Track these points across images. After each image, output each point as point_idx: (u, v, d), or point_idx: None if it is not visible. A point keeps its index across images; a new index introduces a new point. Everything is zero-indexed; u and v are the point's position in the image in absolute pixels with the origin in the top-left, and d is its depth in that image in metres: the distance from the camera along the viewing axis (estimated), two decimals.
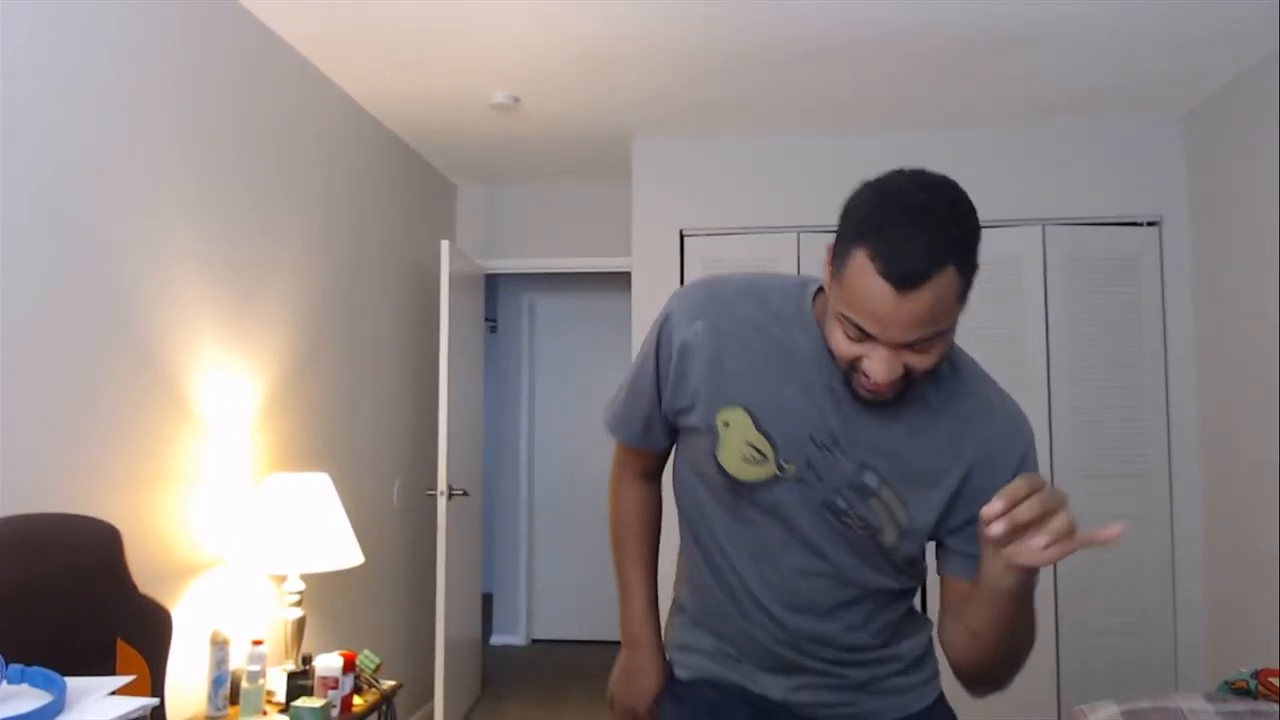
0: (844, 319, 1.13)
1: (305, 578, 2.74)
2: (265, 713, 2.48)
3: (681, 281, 4.12)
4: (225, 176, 2.70)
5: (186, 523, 2.49)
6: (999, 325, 3.89)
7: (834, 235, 1.17)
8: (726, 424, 1.28)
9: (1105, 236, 3.91)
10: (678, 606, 1.51)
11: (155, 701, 1.39)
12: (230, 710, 2.45)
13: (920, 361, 1.12)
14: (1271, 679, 2.69)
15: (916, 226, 1.05)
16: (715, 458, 1.30)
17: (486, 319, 5.39)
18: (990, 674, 1.29)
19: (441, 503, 3.99)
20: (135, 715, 1.29)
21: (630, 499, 1.52)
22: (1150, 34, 3.04)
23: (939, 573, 1.32)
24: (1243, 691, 2.72)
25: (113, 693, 1.34)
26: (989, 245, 4.31)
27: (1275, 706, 2.57)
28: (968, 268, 1.08)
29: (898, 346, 1.10)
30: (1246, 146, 3.34)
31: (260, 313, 2.90)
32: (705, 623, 1.43)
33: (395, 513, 3.99)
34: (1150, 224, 3.89)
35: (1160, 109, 3.78)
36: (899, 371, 1.12)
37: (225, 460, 2.68)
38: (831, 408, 1.24)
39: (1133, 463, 3.81)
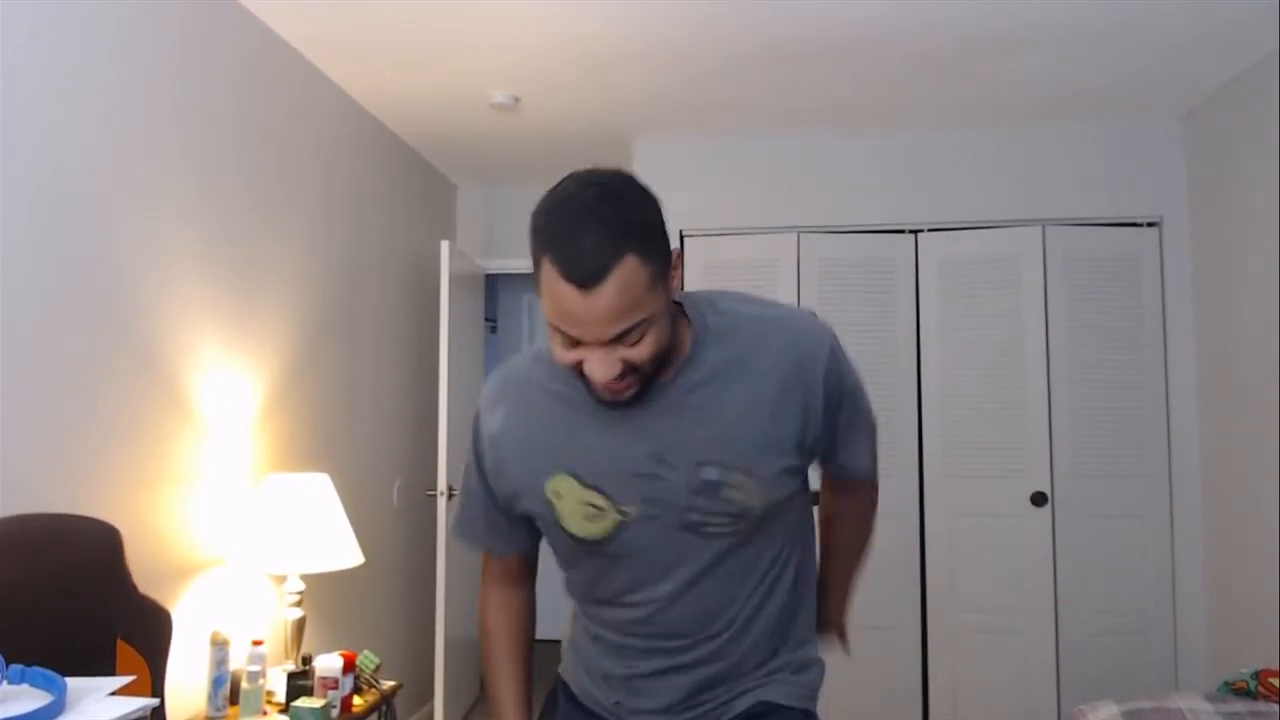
0: (554, 329, 1.14)
1: (305, 578, 2.74)
2: (265, 713, 2.48)
3: (681, 283, 4.11)
4: (225, 176, 2.70)
5: (186, 523, 2.49)
6: (999, 325, 3.89)
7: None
8: (557, 493, 1.28)
9: (1105, 236, 3.91)
10: (570, 643, 1.50)
11: (155, 702, 1.39)
12: (230, 710, 2.45)
13: (636, 354, 1.13)
14: (1271, 679, 2.69)
15: (585, 225, 1.07)
16: (563, 528, 1.30)
17: (486, 319, 5.38)
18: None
19: (441, 503, 3.99)
20: (135, 715, 1.29)
21: (492, 605, 1.47)
22: (1150, 34, 3.04)
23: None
24: (1243, 692, 2.72)
25: (113, 693, 1.34)
26: (989, 245, 4.29)
27: (1275, 706, 2.57)
28: (651, 252, 1.09)
29: (607, 343, 1.11)
30: (1246, 146, 3.34)
31: (260, 313, 2.89)
32: (593, 664, 1.43)
33: (395, 513, 3.99)
34: (1150, 224, 3.89)
35: (1160, 109, 3.78)
36: (617, 368, 1.13)
37: (225, 460, 2.68)
38: (637, 434, 1.24)
39: (1133, 463, 3.81)
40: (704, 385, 1.24)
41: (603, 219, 1.08)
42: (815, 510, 1.49)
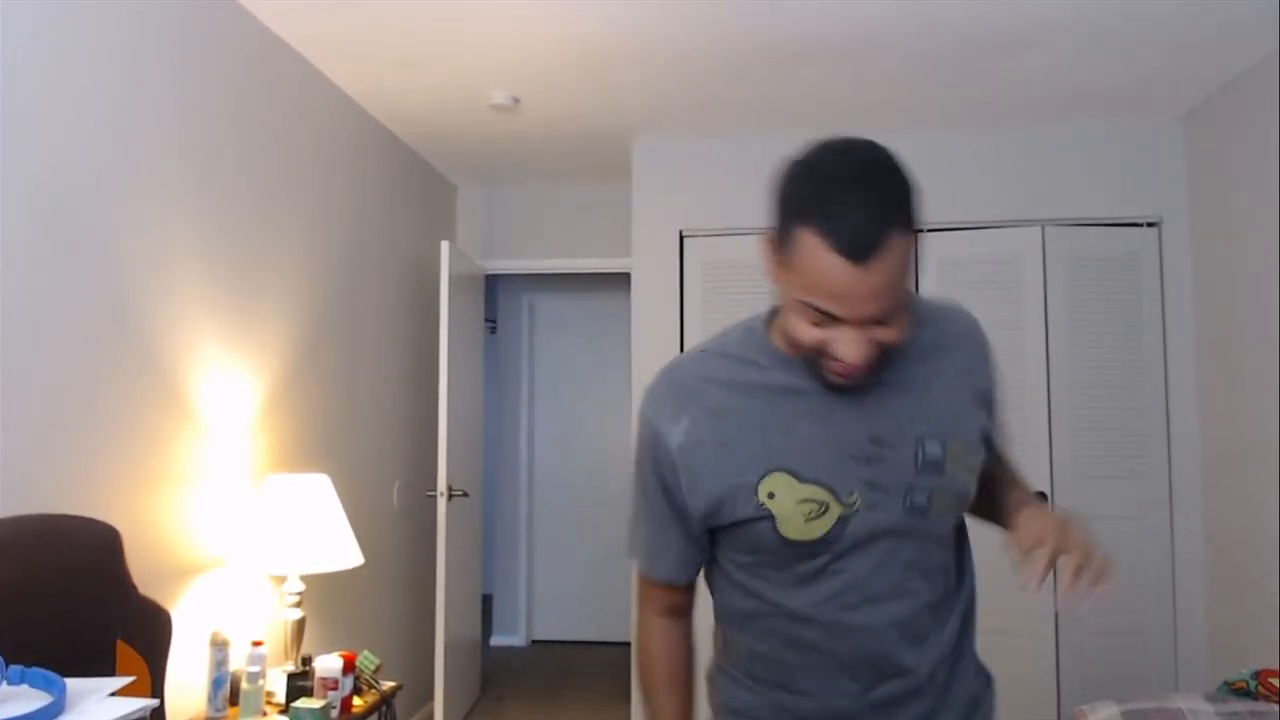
0: (804, 306, 1.07)
1: (305, 578, 2.73)
2: (265, 713, 2.48)
3: (681, 282, 4.12)
4: (225, 176, 2.70)
5: (186, 523, 2.49)
6: (999, 325, 3.88)
7: (772, 223, 1.13)
8: (771, 495, 1.17)
9: (1105, 237, 3.91)
10: (722, 675, 1.35)
11: (155, 702, 1.39)
12: (230, 711, 2.45)
13: (888, 334, 1.09)
14: (1271, 679, 2.69)
15: (858, 195, 1.02)
16: (781, 536, 1.17)
17: (486, 319, 5.38)
18: None
19: (441, 504, 3.99)
20: (135, 716, 1.29)
21: (659, 646, 1.33)
22: (1150, 34, 3.04)
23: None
24: (1243, 692, 2.72)
25: (113, 693, 1.34)
26: (989, 245, 4.28)
27: (1275, 707, 2.57)
28: (911, 229, 1.06)
29: (864, 323, 1.06)
30: (1246, 146, 3.34)
31: (260, 313, 2.89)
32: (770, 690, 1.28)
33: (395, 513, 3.99)
34: (1150, 224, 3.89)
35: (1160, 109, 3.78)
36: (871, 349, 1.08)
37: (225, 460, 2.68)
38: (853, 418, 1.17)
39: (1133, 463, 3.81)
40: (915, 363, 1.21)
41: (874, 190, 1.03)
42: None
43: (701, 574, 1.34)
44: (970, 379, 1.26)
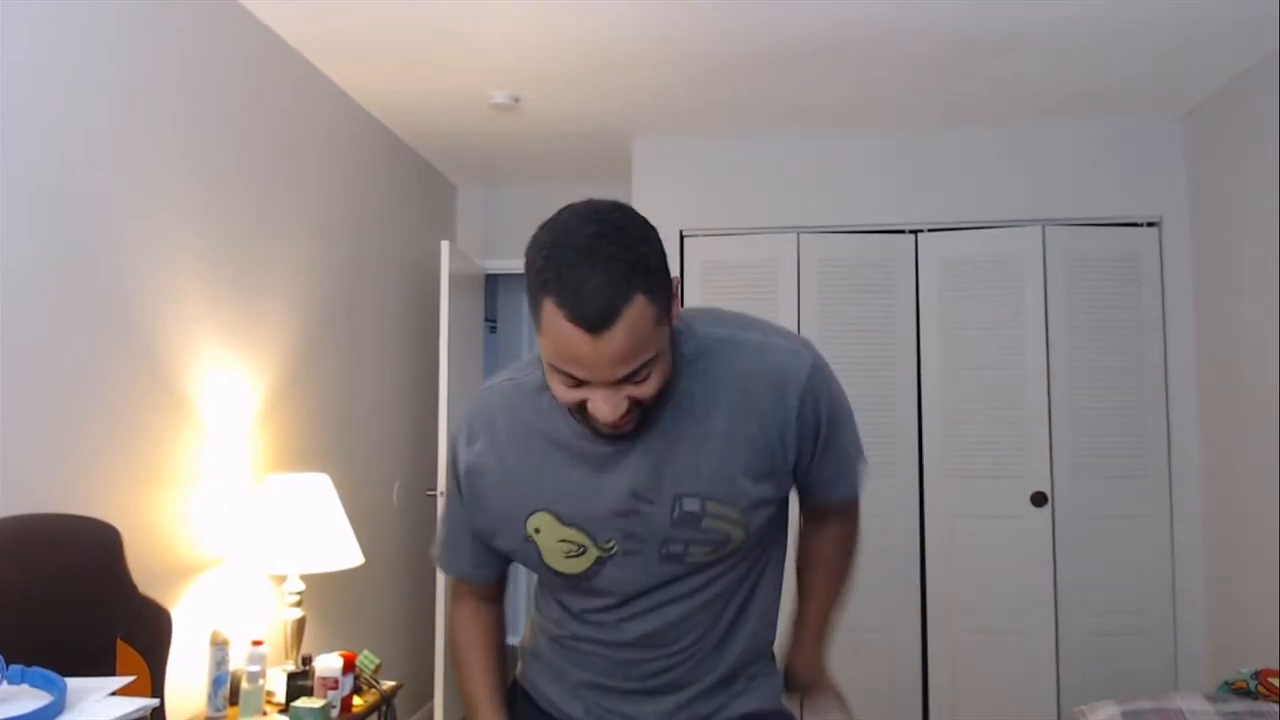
0: (554, 369, 1.10)
1: (305, 578, 2.73)
2: (265, 713, 2.48)
3: (682, 283, 4.11)
4: (225, 176, 2.70)
5: (186, 523, 2.49)
6: (999, 325, 3.89)
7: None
8: (537, 530, 1.26)
9: (1105, 236, 3.91)
10: (530, 653, 1.46)
11: (155, 702, 1.39)
12: (230, 710, 2.45)
13: (641, 391, 1.11)
14: (1271, 679, 2.69)
15: (590, 264, 1.02)
16: (545, 564, 1.29)
17: (486, 319, 5.38)
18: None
19: (441, 503, 3.98)
20: (135, 715, 1.29)
21: (462, 615, 1.44)
22: (1150, 34, 3.04)
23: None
24: (1243, 691, 2.72)
25: (113, 693, 1.34)
26: (989, 245, 4.29)
27: (1275, 706, 2.57)
28: (657, 289, 1.06)
29: (615, 384, 1.08)
30: (1246, 146, 3.34)
31: (260, 313, 2.89)
32: (565, 669, 1.39)
33: (395, 513, 3.99)
34: (1150, 224, 3.89)
35: (1160, 109, 3.78)
36: (624, 406, 1.11)
37: (225, 460, 2.68)
38: (616, 472, 1.22)
39: (1133, 463, 3.81)
40: (680, 417, 1.21)
41: (608, 257, 1.03)
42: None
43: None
44: (758, 425, 1.22)
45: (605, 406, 1.10)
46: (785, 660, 1.46)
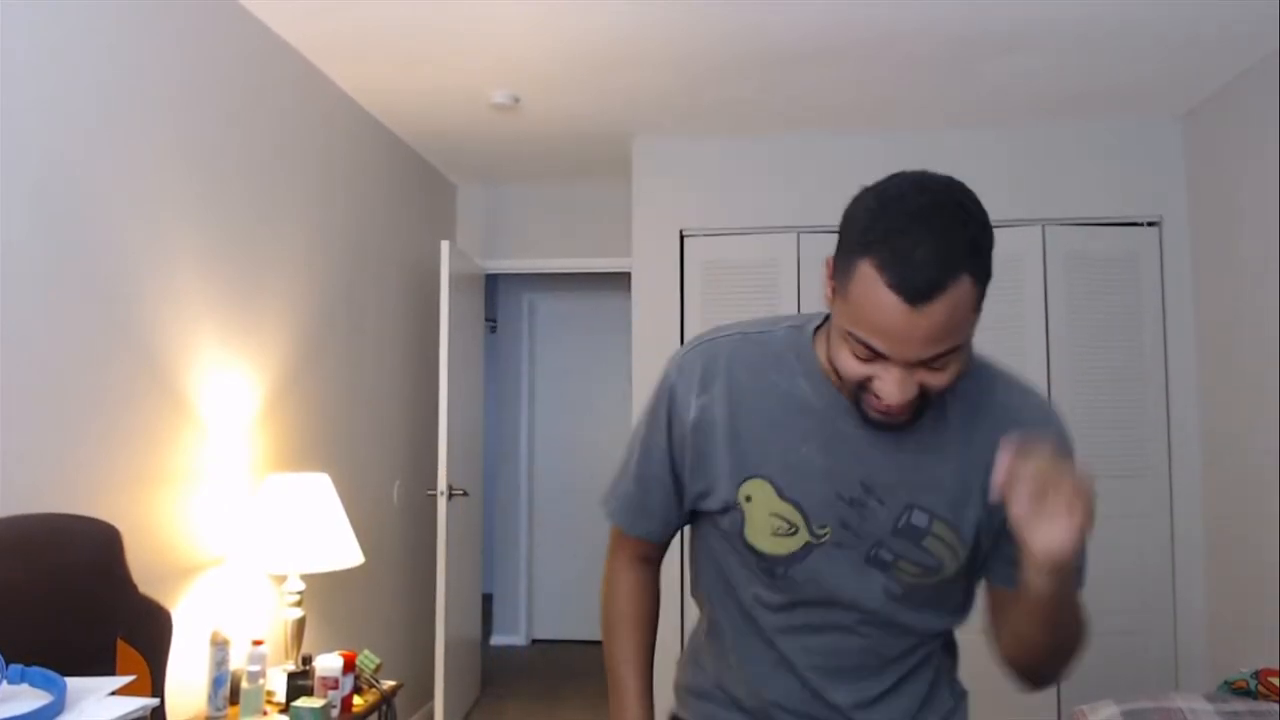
0: (851, 337, 1.03)
1: (305, 578, 2.74)
2: (265, 713, 2.48)
3: (682, 282, 4.12)
4: (225, 176, 2.70)
5: (186, 523, 2.49)
6: (999, 325, 3.89)
7: (834, 247, 1.08)
8: (749, 498, 1.17)
9: (1105, 236, 3.91)
10: (693, 659, 1.37)
11: (155, 701, 1.39)
12: (230, 710, 2.45)
13: (936, 380, 1.04)
14: (1271, 679, 2.69)
15: (925, 232, 0.96)
16: (744, 538, 1.19)
17: (486, 319, 5.38)
18: (1036, 671, 1.20)
19: (441, 503, 3.99)
20: (135, 715, 1.29)
21: (625, 585, 1.35)
22: (1150, 34, 3.04)
23: (985, 583, 1.25)
24: (1243, 691, 2.72)
25: (113, 693, 1.34)
26: None
27: (1275, 706, 2.56)
28: (983, 274, 1.00)
29: (911, 365, 1.02)
30: (1246, 146, 3.34)
31: (260, 313, 2.89)
32: (728, 687, 1.30)
33: (395, 513, 3.99)
34: (1150, 224, 3.89)
35: (1160, 109, 3.78)
36: (913, 392, 1.03)
37: (225, 460, 2.68)
38: (855, 458, 1.15)
39: (1133, 463, 3.81)
40: (938, 425, 1.15)
41: (946, 229, 0.97)
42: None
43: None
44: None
45: (895, 388, 1.03)
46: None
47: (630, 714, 1.31)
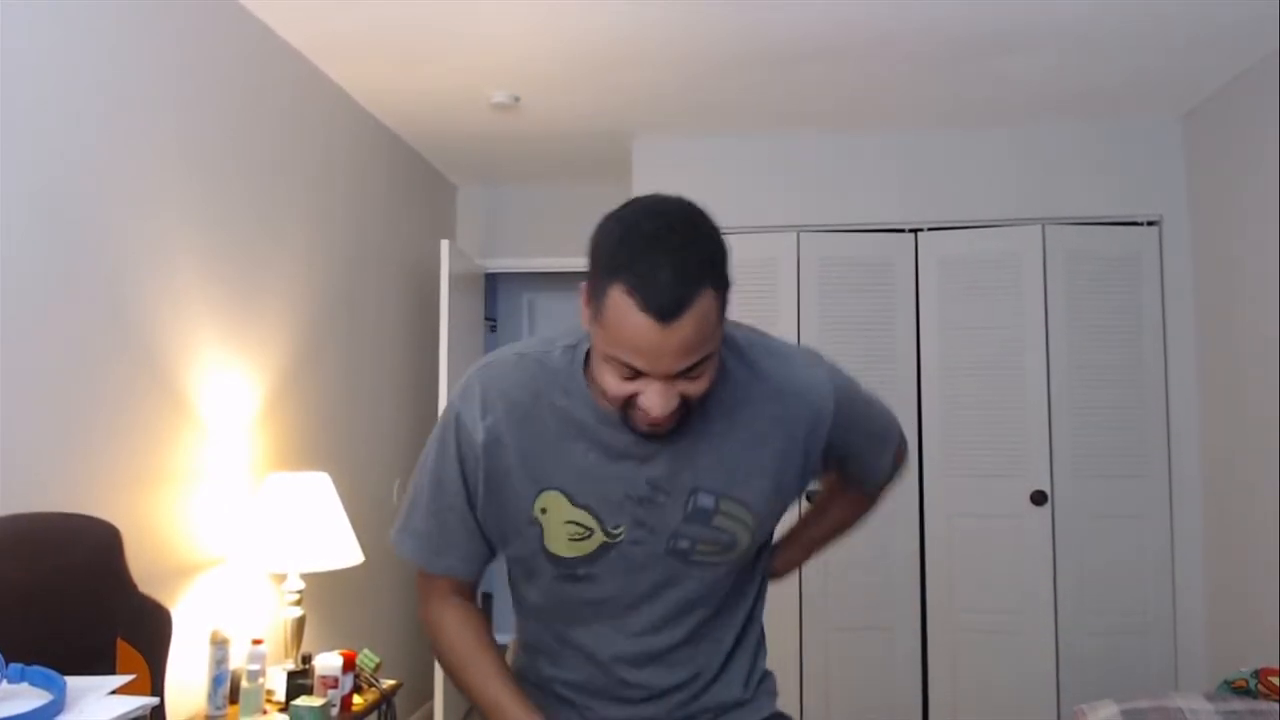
0: (612, 359, 1.09)
1: (305, 577, 2.74)
2: (265, 712, 2.48)
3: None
4: (225, 176, 2.70)
5: (186, 522, 2.49)
6: (999, 325, 3.89)
7: (585, 275, 1.13)
8: (544, 510, 1.22)
9: (1105, 236, 3.91)
10: (519, 650, 1.43)
11: (155, 701, 1.39)
12: (230, 709, 2.46)
13: (694, 388, 1.11)
14: (1271, 679, 2.69)
15: (665, 254, 1.04)
16: (545, 549, 1.24)
17: (486, 318, 5.38)
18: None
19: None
20: (135, 714, 1.29)
21: (451, 618, 1.32)
22: (1150, 34, 3.04)
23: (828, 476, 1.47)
24: (1243, 691, 2.72)
25: (113, 692, 1.34)
26: (989, 244, 4.28)
27: (1275, 706, 2.56)
28: (722, 286, 1.07)
29: (671, 377, 1.08)
30: (1246, 146, 3.34)
31: (260, 312, 2.90)
32: (544, 683, 1.36)
33: (395, 512, 3.99)
34: (1150, 224, 3.89)
35: (1160, 109, 3.78)
36: (675, 402, 1.10)
37: (225, 460, 2.68)
38: (636, 461, 1.21)
39: (1132, 463, 3.81)
40: (708, 414, 1.21)
41: (681, 249, 1.05)
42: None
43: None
44: (786, 437, 1.24)
45: (658, 400, 1.09)
46: (770, 556, 1.45)
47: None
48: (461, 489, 1.26)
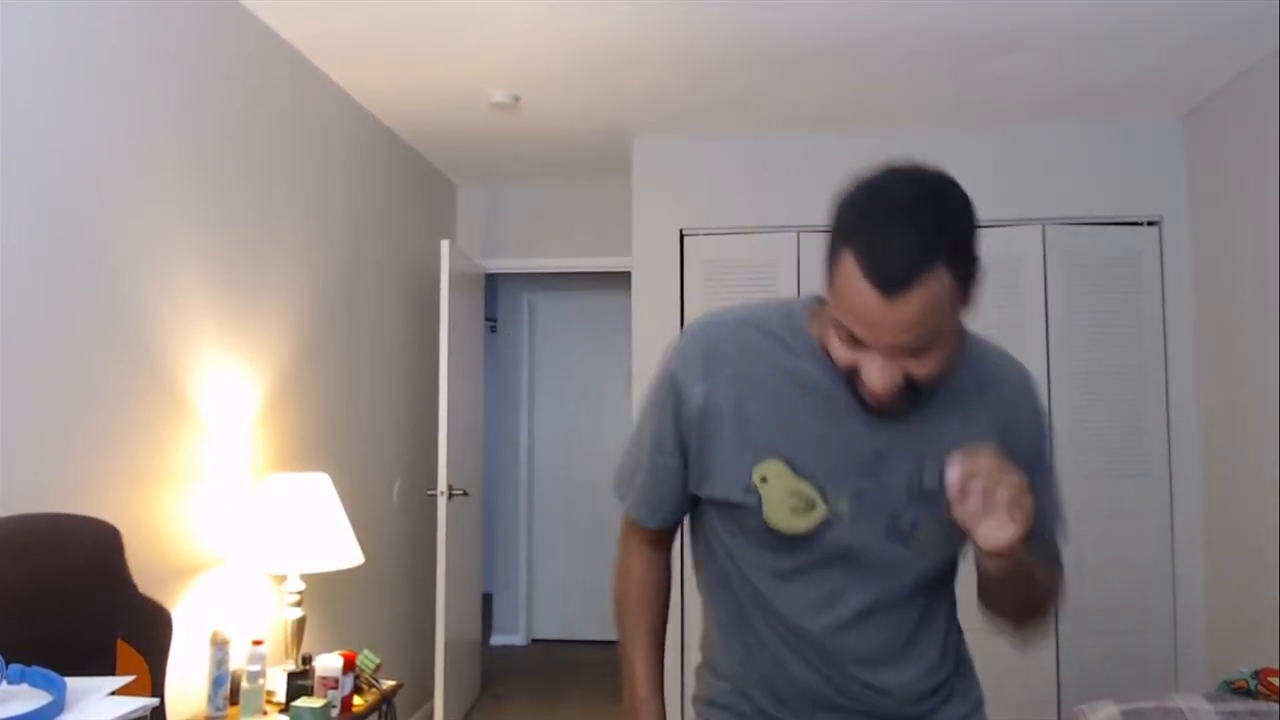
0: (838, 325, 1.07)
1: (305, 578, 2.74)
2: (265, 713, 2.48)
3: (682, 282, 4.12)
4: (225, 176, 2.70)
5: (186, 523, 2.49)
6: (999, 325, 3.88)
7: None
8: (764, 479, 1.18)
9: (1105, 236, 3.91)
10: (709, 668, 1.37)
11: (155, 701, 1.39)
12: (230, 710, 2.45)
13: (919, 368, 1.06)
14: (1271, 679, 2.69)
15: (902, 224, 0.99)
16: (763, 519, 1.19)
17: (486, 319, 5.39)
18: (1011, 624, 1.36)
19: (441, 503, 3.99)
20: (135, 715, 1.29)
21: (637, 566, 1.37)
22: (1150, 34, 3.04)
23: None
24: (1243, 691, 2.72)
25: (113, 693, 1.34)
26: (989, 245, 4.28)
27: (1275, 706, 2.57)
28: (963, 266, 1.01)
29: (892, 353, 1.04)
30: (1246, 146, 3.34)
31: (260, 313, 2.89)
32: (747, 687, 1.30)
33: (395, 513, 3.99)
34: (1150, 224, 3.89)
35: (1160, 109, 3.78)
36: (897, 380, 1.06)
37: (225, 460, 2.68)
38: (865, 427, 1.16)
39: (1133, 463, 3.81)
40: (946, 400, 1.17)
41: (919, 221, 1.00)
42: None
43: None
44: (1002, 437, 1.17)
45: (878, 376, 1.06)
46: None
47: (641, 691, 1.34)
48: (678, 449, 1.26)
